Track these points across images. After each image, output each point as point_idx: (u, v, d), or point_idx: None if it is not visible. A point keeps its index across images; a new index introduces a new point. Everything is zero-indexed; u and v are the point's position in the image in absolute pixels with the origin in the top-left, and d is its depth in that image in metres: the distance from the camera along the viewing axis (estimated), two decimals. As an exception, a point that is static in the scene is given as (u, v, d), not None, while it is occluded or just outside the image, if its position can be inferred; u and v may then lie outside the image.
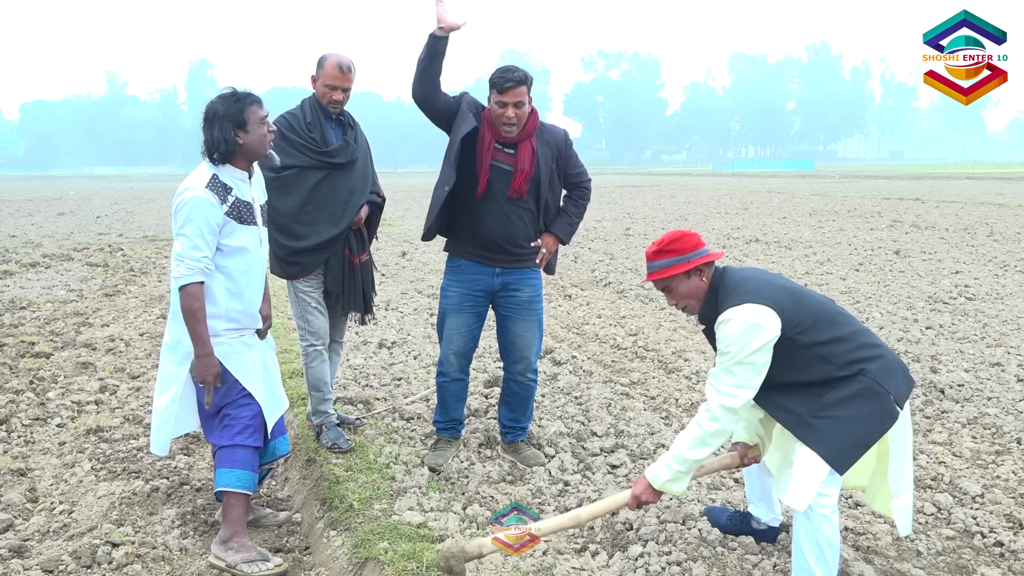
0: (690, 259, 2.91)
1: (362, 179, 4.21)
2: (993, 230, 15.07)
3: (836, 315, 2.92)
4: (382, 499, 3.61)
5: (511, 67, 3.73)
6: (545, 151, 3.88)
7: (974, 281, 9.49)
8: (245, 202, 3.24)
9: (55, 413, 4.99)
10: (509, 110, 3.67)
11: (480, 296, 4.02)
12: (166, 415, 3.28)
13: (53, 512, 3.67)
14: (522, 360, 4.11)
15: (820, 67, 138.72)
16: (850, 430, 2.74)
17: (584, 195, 4.14)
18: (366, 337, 6.96)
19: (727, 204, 24.55)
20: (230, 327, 3.26)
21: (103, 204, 28.38)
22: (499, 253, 3.95)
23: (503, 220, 3.87)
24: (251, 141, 3.20)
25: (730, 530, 3.34)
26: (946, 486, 3.86)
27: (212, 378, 3.14)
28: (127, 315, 8.12)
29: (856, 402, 2.77)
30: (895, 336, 6.72)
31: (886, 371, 2.82)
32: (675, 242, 2.94)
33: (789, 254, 12.33)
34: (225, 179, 3.18)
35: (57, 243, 14.56)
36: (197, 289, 3.09)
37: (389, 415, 4.87)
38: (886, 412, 2.77)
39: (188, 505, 3.78)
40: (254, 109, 3.20)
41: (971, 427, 4.65)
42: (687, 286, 2.95)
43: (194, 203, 3.07)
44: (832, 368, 2.80)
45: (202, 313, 3.10)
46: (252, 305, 3.34)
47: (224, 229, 3.16)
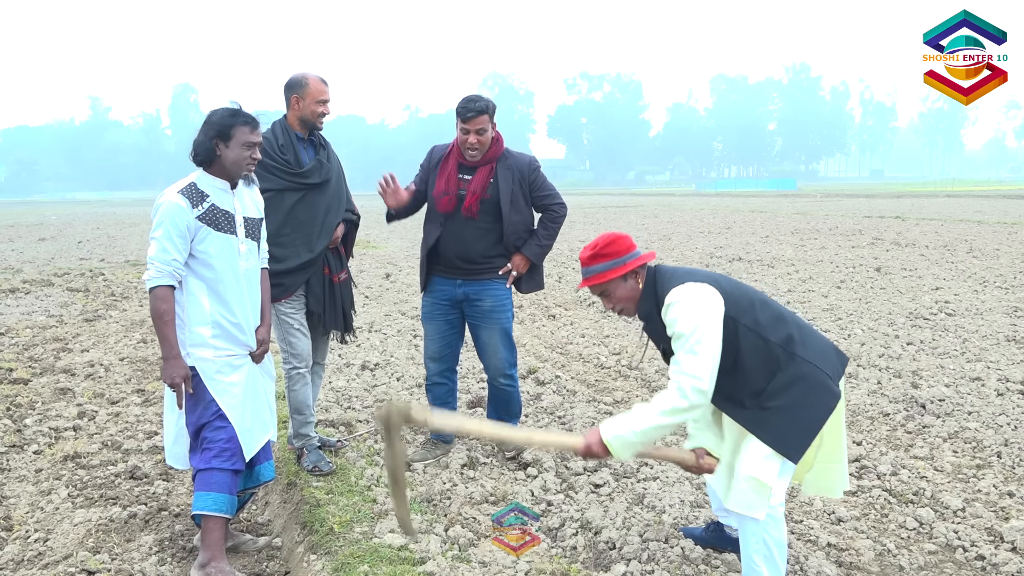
0: (625, 262, 2.87)
1: (337, 198, 4.26)
2: (972, 247, 15.25)
3: (768, 300, 2.95)
4: (363, 522, 3.58)
5: (475, 97, 4.11)
6: (506, 175, 4.21)
7: (954, 297, 9.58)
8: (223, 211, 3.25)
9: (32, 440, 4.92)
10: (471, 136, 4.06)
11: (447, 305, 4.38)
12: (178, 430, 3.32)
13: (28, 540, 3.60)
14: (492, 367, 4.44)
15: (800, 88, 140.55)
16: (798, 417, 2.73)
17: (554, 218, 4.38)
18: (349, 359, 6.93)
19: (710, 223, 24.72)
20: (220, 343, 3.24)
21: (85, 229, 28.21)
22: (457, 269, 4.29)
23: (457, 238, 4.23)
24: (228, 157, 3.23)
25: (709, 542, 3.32)
26: (928, 500, 3.86)
27: (181, 380, 3.13)
28: (107, 340, 8.05)
29: (799, 387, 2.75)
30: (876, 352, 6.76)
31: (821, 352, 2.84)
32: (609, 245, 2.89)
33: (772, 272, 12.41)
34: (203, 186, 3.23)
35: (38, 268, 14.44)
36: (166, 292, 3.13)
37: (371, 437, 4.84)
38: (829, 394, 2.77)
39: (166, 531, 3.73)
40: (244, 130, 3.24)
41: (952, 441, 4.67)
42: (624, 289, 2.91)
43: (165, 207, 3.14)
44: (773, 350, 2.78)
45: (170, 316, 3.13)
46: (240, 316, 3.31)
47: (198, 234, 3.17)
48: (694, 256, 14.92)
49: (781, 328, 2.82)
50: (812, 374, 2.76)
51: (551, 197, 4.34)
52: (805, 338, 2.84)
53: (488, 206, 4.18)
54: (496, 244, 4.26)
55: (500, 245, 4.27)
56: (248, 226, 3.40)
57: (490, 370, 4.47)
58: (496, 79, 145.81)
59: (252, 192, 3.49)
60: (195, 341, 3.22)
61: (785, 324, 2.84)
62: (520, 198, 4.25)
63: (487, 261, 4.28)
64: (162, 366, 3.16)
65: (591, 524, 3.53)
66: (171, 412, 3.32)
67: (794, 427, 2.72)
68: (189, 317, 3.22)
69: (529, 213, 4.35)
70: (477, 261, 4.26)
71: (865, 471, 4.24)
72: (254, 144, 3.28)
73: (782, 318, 2.86)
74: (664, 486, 4.02)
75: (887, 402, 5.38)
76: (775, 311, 2.88)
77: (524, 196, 4.28)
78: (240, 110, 3.28)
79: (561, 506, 3.81)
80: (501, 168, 4.21)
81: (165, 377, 3.15)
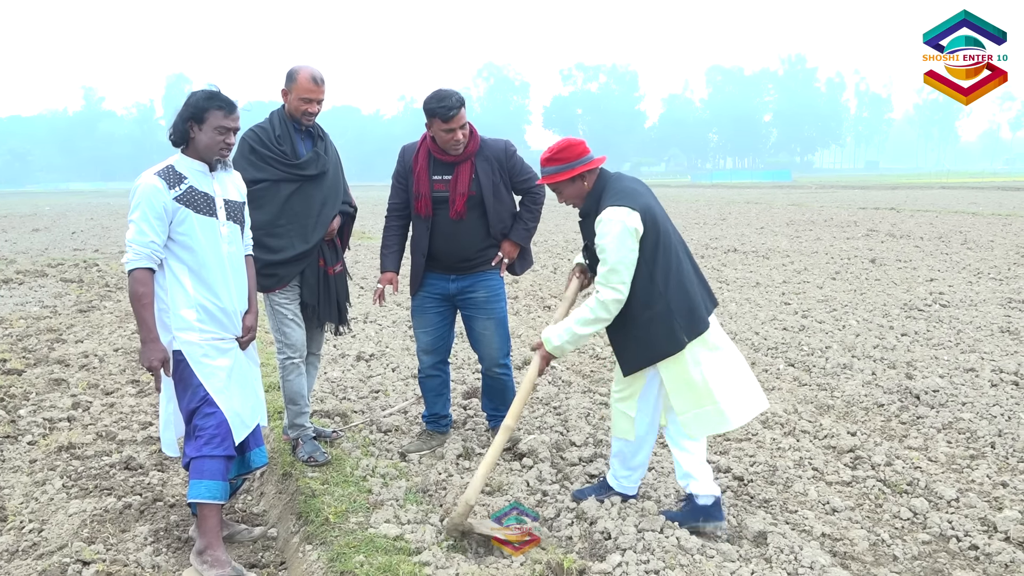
0: (574, 167, 3.36)
1: (334, 190, 4.21)
2: (967, 238, 15.28)
3: (675, 245, 3.39)
4: (358, 512, 3.58)
5: (447, 94, 3.93)
6: (485, 167, 4.14)
7: (948, 288, 9.60)
8: (202, 192, 3.24)
9: (26, 431, 4.91)
10: (457, 134, 3.96)
11: (439, 298, 4.36)
12: (166, 416, 3.33)
13: (22, 531, 3.60)
14: (487, 356, 4.42)
15: (796, 79, 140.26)
16: (638, 347, 3.35)
17: (536, 199, 4.38)
18: (344, 350, 6.92)
19: (706, 215, 24.73)
20: (206, 326, 3.23)
21: (79, 220, 28.12)
22: (452, 268, 4.27)
23: (449, 240, 4.19)
24: (200, 140, 3.22)
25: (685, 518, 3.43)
26: (922, 491, 3.88)
27: (159, 363, 3.11)
28: (101, 331, 8.03)
29: (652, 326, 3.30)
30: (871, 343, 6.77)
31: (687, 307, 3.30)
32: (563, 151, 3.38)
33: (767, 263, 12.43)
34: (181, 169, 3.22)
35: (31, 259, 14.38)
36: (144, 275, 3.12)
37: (366, 428, 4.84)
38: (673, 341, 3.28)
39: (161, 522, 3.72)
40: (218, 114, 3.20)
41: (946, 432, 4.69)
42: (572, 189, 3.43)
43: (141, 189, 3.13)
44: (654, 286, 3.28)
45: (148, 298, 3.11)
46: (225, 300, 3.30)
47: (176, 216, 3.16)
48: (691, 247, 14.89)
49: (669, 270, 3.31)
50: (666, 319, 3.28)
51: (530, 180, 4.29)
52: (681, 287, 3.32)
53: (473, 202, 4.13)
54: (485, 236, 4.24)
55: (489, 236, 4.25)
56: (229, 209, 3.37)
57: (485, 360, 4.44)
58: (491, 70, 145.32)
59: (232, 176, 3.46)
60: (180, 325, 3.20)
61: (672, 270, 3.32)
62: (502, 187, 4.21)
63: (479, 255, 4.26)
64: (140, 350, 3.15)
65: (586, 514, 3.53)
66: (164, 399, 3.32)
67: (632, 352, 3.37)
68: (173, 300, 3.20)
69: (510, 199, 4.32)
70: (470, 257, 4.24)
71: (859, 461, 4.25)
72: (228, 129, 3.24)
73: (677, 261, 3.35)
74: (659, 476, 4.03)
75: (881, 393, 5.39)
76: (675, 256, 3.35)
77: (505, 184, 4.23)
78: (218, 93, 3.23)
79: (556, 496, 3.82)
80: (480, 161, 4.13)
81: (143, 360, 3.13)
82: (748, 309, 8.60)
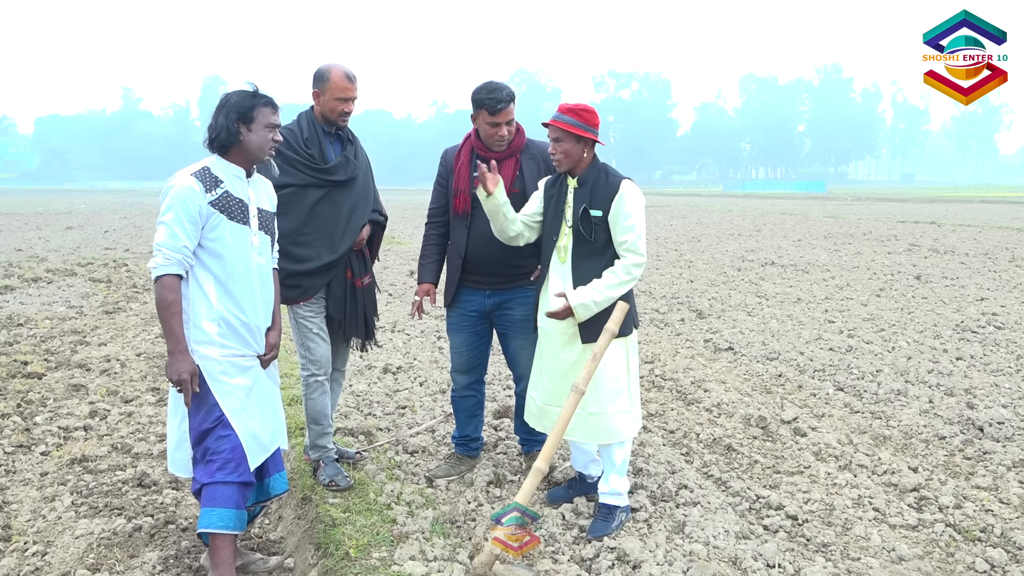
0: (587, 130, 3.47)
1: (363, 197, 3.96)
2: (1015, 255, 14.72)
3: None
4: (381, 546, 3.31)
5: (497, 86, 3.76)
6: (531, 165, 3.94)
7: (1001, 309, 9.15)
8: (237, 199, 3.03)
9: (40, 440, 4.73)
10: (502, 129, 3.78)
11: (475, 316, 4.10)
12: (180, 435, 3.06)
13: (26, 554, 3.39)
14: (523, 377, 4.06)
15: (831, 89, 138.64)
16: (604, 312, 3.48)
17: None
18: (370, 361, 6.69)
19: (739, 226, 24.26)
20: (227, 341, 3.00)
21: (112, 218, 28.32)
22: (490, 276, 3.99)
23: (490, 243, 3.85)
24: (251, 140, 3.03)
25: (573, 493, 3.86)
26: (997, 539, 3.52)
27: (188, 376, 2.87)
28: (125, 334, 7.89)
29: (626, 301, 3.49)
30: (925, 368, 6.39)
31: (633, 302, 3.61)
32: (588, 112, 3.50)
33: (807, 278, 12.02)
34: (217, 171, 3.02)
35: (62, 257, 14.39)
36: (173, 281, 2.90)
37: (392, 447, 4.58)
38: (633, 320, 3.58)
39: (172, 548, 3.48)
40: (266, 111, 3.05)
41: (1017, 470, 4.31)
42: (574, 148, 3.49)
43: (176, 190, 2.92)
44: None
45: (177, 307, 2.89)
46: (250, 315, 3.07)
47: (209, 221, 2.95)
48: (725, 259, 14.54)
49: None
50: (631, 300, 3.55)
51: None
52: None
53: (516, 200, 3.81)
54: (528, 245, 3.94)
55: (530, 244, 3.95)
56: (262, 218, 3.17)
57: (520, 381, 4.15)
58: (523, 76, 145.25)
59: (266, 184, 3.28)
60: (200, 338, 2.97)
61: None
62: None
63: (519, 264, 3.98)
64: (167, 361, 2.91)
65: (628, 556, 3.24)
66: (175, 416, 3.08)
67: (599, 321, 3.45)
68: (194, 312, 2.97)
69: None
70: (510, 265, 3.96)
71: (925, 502, 3.90)
72: (275, 126, 3.09)
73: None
74: (706, 513, 3.71)
75: (942, 423, 5.03)
76: None
77: None
78: (258, 91, 3.09)
79: (595, 533, 3.52)
80: (525, 159, 3.93)
81: (171, 373, 2.88)
82: (791, 327, 8.23)
